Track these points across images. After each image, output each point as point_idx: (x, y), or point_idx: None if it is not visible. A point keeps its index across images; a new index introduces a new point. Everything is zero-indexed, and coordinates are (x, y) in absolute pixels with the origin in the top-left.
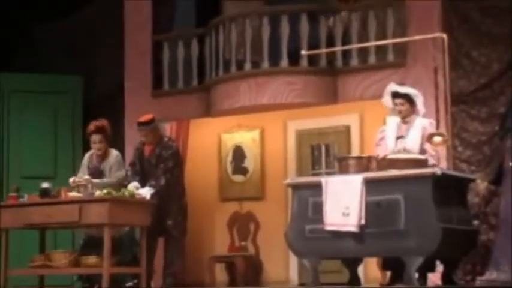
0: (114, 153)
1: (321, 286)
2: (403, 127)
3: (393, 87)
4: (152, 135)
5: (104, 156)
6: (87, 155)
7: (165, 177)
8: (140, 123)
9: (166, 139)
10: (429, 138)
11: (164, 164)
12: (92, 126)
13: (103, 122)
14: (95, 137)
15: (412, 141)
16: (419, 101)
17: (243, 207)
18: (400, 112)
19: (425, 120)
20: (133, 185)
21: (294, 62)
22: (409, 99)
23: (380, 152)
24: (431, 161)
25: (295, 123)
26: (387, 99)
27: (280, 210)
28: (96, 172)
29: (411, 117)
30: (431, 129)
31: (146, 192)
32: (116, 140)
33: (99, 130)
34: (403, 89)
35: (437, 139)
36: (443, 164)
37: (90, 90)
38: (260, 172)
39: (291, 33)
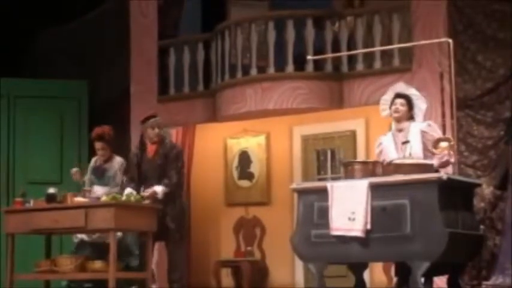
0: (118, 159)
1: None
2: (399, 135)
3: (401, 87)
4: (159, 131)
5: (108, 160)
6: (92, 161)
7: (177, 176)
8: (150, 117)
9: (167, 140)
10: (435, 143)
11: (175, 163)
12: (93, 133)
13: (103, 129)
14: (97, 145)
15: (414, 147)
16: (420, 105)
17: (248, 212)
18: (396, 111)
19: (422, 124)
20: (128, 191)
21: (299, 67)
22: (409, 102)
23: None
24: (445, 158)
25: (300, 128)
26: (386, 99)
27: (286, 215)
28: (99, 171)
29: (404, 123)
30: (431, 131)
31: (160, 190)
32: (122, 145)
33: (99, 138)
34: (409, 90)
35: (443, 144)
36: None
37: (96, 96)
38: (266, 177)
39: (296, 38)
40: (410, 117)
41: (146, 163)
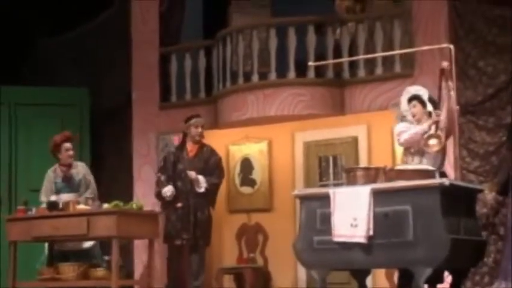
0: (81, 163)
1: None
2: None
3: (409, 91)
4: (203, 130)
5: (70, 167)
6: (50, 171)
7: (217, 180)
8: (193, 116)
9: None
10: (426, 140)
11: (216, 169)
12: (61, 136)
13: (69, 132)
14: (68, 145)
15: None
16: (426, 96)
17: (251, 218)
18: (413, 115)
19: None
20: (169, 189)
21: (301, 73)
22: (421, 101)
23: (410, 134)
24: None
25: (302, 135)
26: (406, 110)
27: (288, 222)
28: (67, 178)
29: (425, 121)
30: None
31: (203, 182)
32: (124, 152)
33: (70, 139)
34: (416, 89)
35: (432, 142)
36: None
37: (97, 103)
38: (268, 184)
39: (298, 45)
40: (429, 113)
41: (184, 162)
